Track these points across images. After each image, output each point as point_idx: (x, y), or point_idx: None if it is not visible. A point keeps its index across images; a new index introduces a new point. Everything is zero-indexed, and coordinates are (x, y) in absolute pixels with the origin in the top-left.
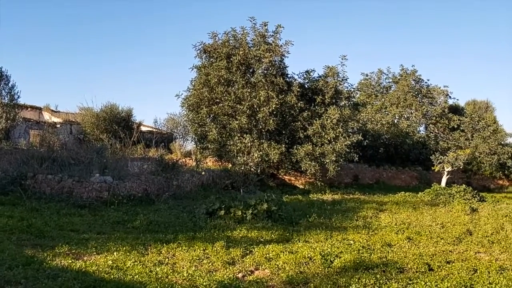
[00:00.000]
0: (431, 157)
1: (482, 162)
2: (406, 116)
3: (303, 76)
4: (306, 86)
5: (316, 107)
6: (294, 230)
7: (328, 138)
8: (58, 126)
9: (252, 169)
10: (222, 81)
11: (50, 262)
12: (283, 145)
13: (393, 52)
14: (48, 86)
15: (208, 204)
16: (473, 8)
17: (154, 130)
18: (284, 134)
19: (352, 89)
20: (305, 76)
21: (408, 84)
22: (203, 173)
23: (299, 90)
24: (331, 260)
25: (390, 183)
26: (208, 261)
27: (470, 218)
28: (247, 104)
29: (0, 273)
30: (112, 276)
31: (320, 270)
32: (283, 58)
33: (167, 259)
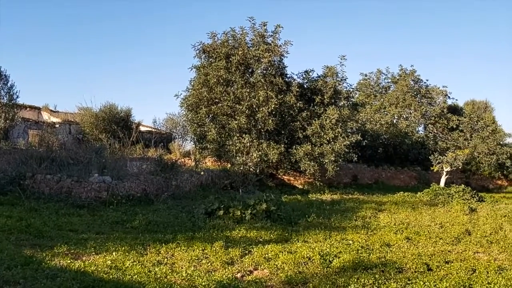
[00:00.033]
0: (430, 157)
1: (481, 162)
2: (405, 116)
3: (302, 76)
4: (305, 86)
5: (315, 107)
6: (293, 230)
7: (327, 138)
8: (57, 126)
9: (251, 169)
10: (221, 81)
11: (48, 262)
12: (282, 145)
13: (392, 52)
14: (47, 86)
15: (207, 204)
16: (472, 8)
17: (153, 130)
18: (283, 134)
19: (351, 89)
20: (304, 76)
21: (407, 84)
22: (202, 173)
23: (298, 90)
24: (330, 260)
25: (389, 183)
26: (207, 261)
27: (469, 218)
28: (246, 104)
29: None
30: (111, 276)
31: (319, 270)
32: (282, 58)
33: (166, 259)
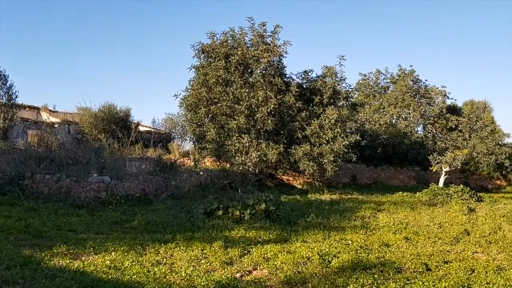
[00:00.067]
0: (429, 157)
1: (480, 162)
2: (404, 116)
3: (301, 76)
4: (304, 86)
5: (314, 107)
6: (292, 230)
7: (326, 138)
8: (56, 126)
9: (250, 169)
10: (220, 81)
11: (48, 262)
12: (281, 145)
13: (391, 53)
14: (46, 88)
15: (206, 204)
16: (471, 9)
17: (152, 130)
18: (282, 134)
19: (350, 89)
20: (303, 76)
21: (406, 84)
22: (201, 173)
23: (297, 90)
24: (329, 260)
25: (388, 183)
26: (206, 261)
27: (467, 218)
28: (245, 104)
29: None
30: (110, 276)
31: (318, 270)
32: (281, 58)
33: (165, 259)
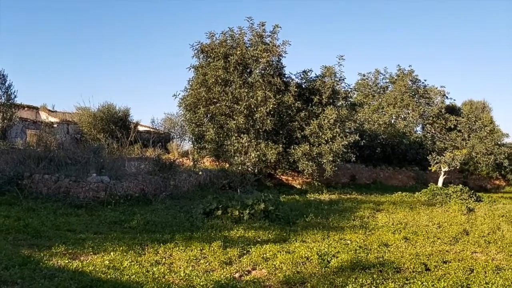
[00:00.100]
0: (428, 157)
1: (479, 162)
2: (403, 116)
3: (300, 76)
4: (304, 86)
5: (314, 107)
6: (291, 230)
7: (325, 138)
8: (55, 125)
9: (249, 169)
10: (220, 81)
11: (46, 262)
12: (281, 145)
13: (390, 53)
14: (46, 88)
15: (205, 204)
16: (470, 9)
17: (151, 130)
18: (282, 134)
19: (349, 89)
20: (302, 76)
21: (405, 84)
22: (200, 173)
23: (296, 90)
24: (328, 260)
25: (387, 183)
26: (205, 261)
27: (466, 218)
28: (244, 104)
29: None
30: (109, 276)
31: (317, 270)
32: (280, 58)
33: (164, 259)
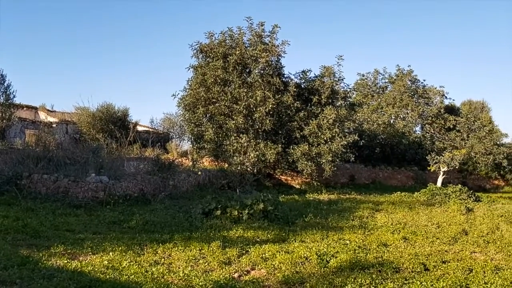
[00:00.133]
0: (427, 157)
1: (478, 162)
2: (402, 116)
3: (299, 76)
4: (303, 86)
5: (313, 107)
6: (290, 230)
7: (325, 138)
8: (54, 125)
9: (248, 169)
10: (219, 81)
11: (45, 262)
12: (280, 145)
13: (389, 53)
14: (45, 88)
15: (204, 204)
16: (469, 9)
17: (150, 130)
18: (281, 134)
19: (349, 89)
20: (301, 76)
21: (404, 84)
22: (199, 173)
23: (295, 90)
24: (327, 260)
25: (386, 183)
26: (204, 261)
27: (465, 218)
28: (243, 104)
29: None
30: (107, 276)
31: (316, 270)
32: (279, 58)
33: (163, 259)
